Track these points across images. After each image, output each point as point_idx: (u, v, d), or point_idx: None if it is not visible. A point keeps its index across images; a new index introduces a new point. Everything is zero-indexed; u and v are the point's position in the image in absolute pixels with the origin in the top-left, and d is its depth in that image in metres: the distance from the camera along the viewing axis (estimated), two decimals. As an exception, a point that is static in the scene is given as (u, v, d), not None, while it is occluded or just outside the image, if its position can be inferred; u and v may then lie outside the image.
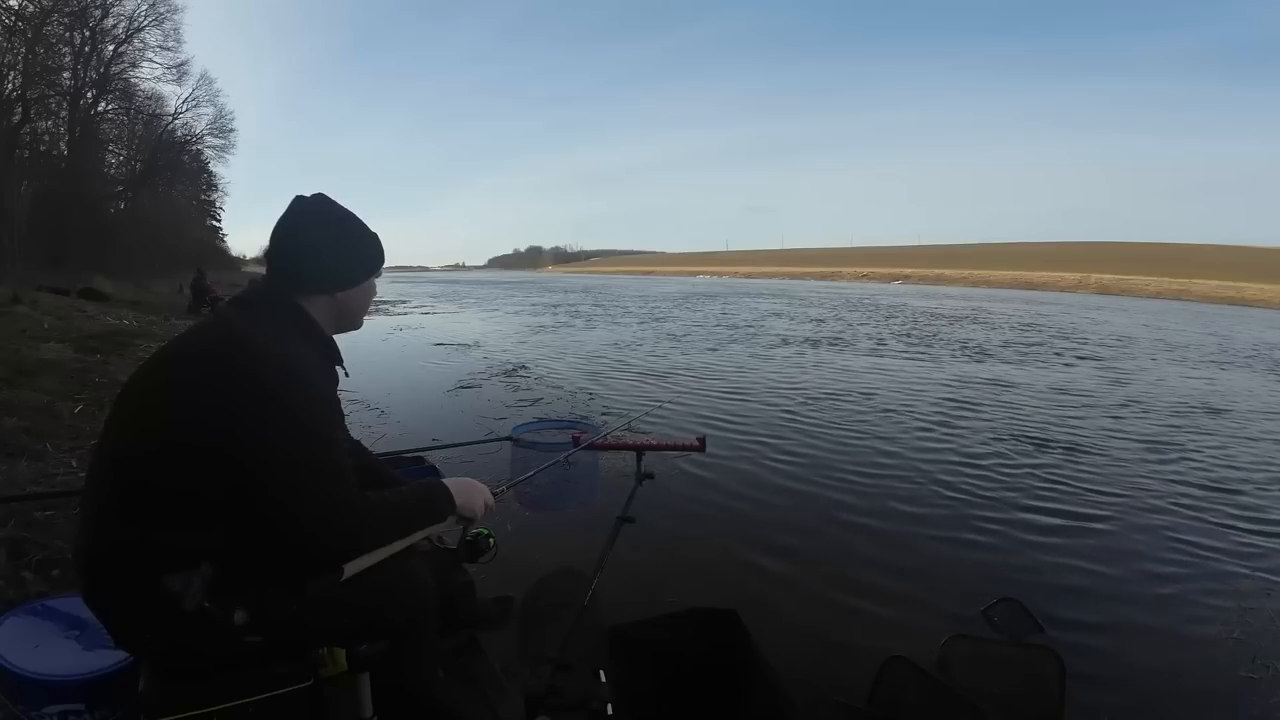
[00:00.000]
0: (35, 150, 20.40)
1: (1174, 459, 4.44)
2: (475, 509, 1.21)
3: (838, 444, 4.55)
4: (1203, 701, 1.92)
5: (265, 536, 0.96)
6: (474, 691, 1.57)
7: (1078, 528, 3.12)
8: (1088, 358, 9.92)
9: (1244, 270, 53.42)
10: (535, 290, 32.99)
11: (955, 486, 3.64)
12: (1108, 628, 2.25)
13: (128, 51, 22.70)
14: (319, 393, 1.04)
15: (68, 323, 8.54)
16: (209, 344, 1.03)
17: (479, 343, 10.64)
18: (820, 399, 6.16)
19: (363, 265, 1.17)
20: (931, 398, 6.23)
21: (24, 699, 1.08)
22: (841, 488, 3.63)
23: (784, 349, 10.22)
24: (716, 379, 7.20)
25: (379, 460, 1.47)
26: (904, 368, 8.42)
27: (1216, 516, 3.35)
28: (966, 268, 75.83)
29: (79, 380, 4.91)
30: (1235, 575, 2.68)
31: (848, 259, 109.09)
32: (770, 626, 1.86)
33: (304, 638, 1.07)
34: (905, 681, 1.65)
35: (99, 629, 1.01)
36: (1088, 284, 55.67)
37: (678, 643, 1.67)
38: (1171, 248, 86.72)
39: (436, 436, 4.22)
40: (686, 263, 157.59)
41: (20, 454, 3.09)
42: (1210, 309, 31.14)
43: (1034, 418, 5.53)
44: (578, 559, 2.22)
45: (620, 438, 2.35)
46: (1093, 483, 3.80)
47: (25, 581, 1.95)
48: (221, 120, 27.56)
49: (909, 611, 2.31)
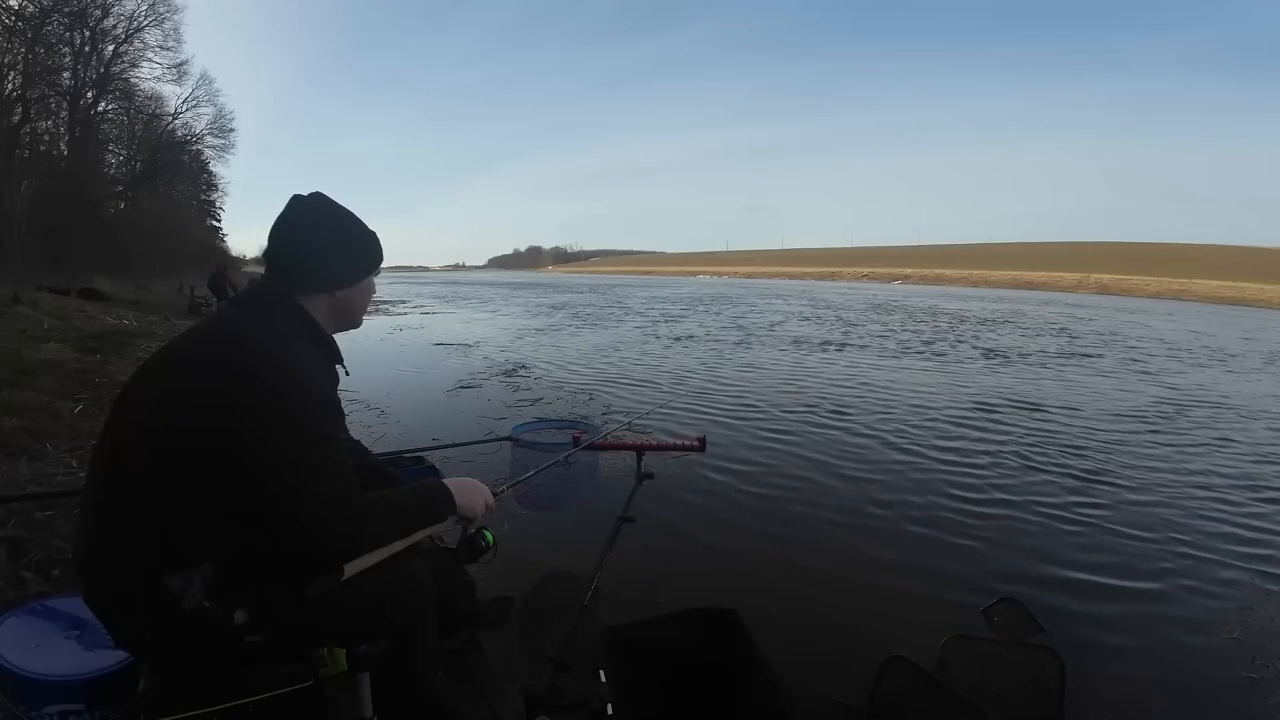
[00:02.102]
0: (35, 150, 20.41)
1: (1174, 460, 4.44)
2: (475, 509, 1.21)
3: (842, 444, 4.54)
4: (1203, 701, 1.92)
5: (265, 536, 0.96)
6: (474, 691, 1.58)
7: (1078, 527, 3.12)
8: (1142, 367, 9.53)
9: (1244, 270, 53.42)
10: (541, 291, 32.36)
11: (955, 487, 3.64)
12: (1108, 628, 2.25)
13: (128, 51, 22.75)
14: (319, 393, 1.04)
15: (68, 323, 8.53)
16: (209, 344, 1.03)
17: (479, 342, 10.64)
18: (846, 404, 6.15)
19: (362, 264, 1.17)
20: (955, 403, 6.18)
21: (24, 699, 1.09)
22: (842, 487, 3.63)
23: (835, 354, 9.63)
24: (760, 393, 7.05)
25: (379, 460, 1.47)
26: (945, 374, 7.90)
27: (1217, 516, 3.35)
28: (966, 268, 75.83)
29: (79, 380, 4.91)
30: (1235, 575, 2.68)
31: (848, 259, 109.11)
32: (770, 626, 1.85)
33: (304, 638, 1.07)
34: (905, 681, 1.66)
35: (99, 629, 1.01)
36: (1088, 284, 55.66)
37: (678, 643, 1.67)
38: (1171, 248, 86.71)
39: (436, 436, 4.21)
40: (686, 263, 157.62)
41: (20, 454, 3.09)
42: (1248, 311, 30.40)
43: (1050, 426, 5.52)
44: (578, 559, 2.22)
45: (620, 438, 2.35)
46: (1093, 482, 3.80)
47: (25, 581, 1.95)
48: (221, 120, 27.63)
49: (909, 611, 2.31)
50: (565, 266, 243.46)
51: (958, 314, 19.81)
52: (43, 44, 19.46)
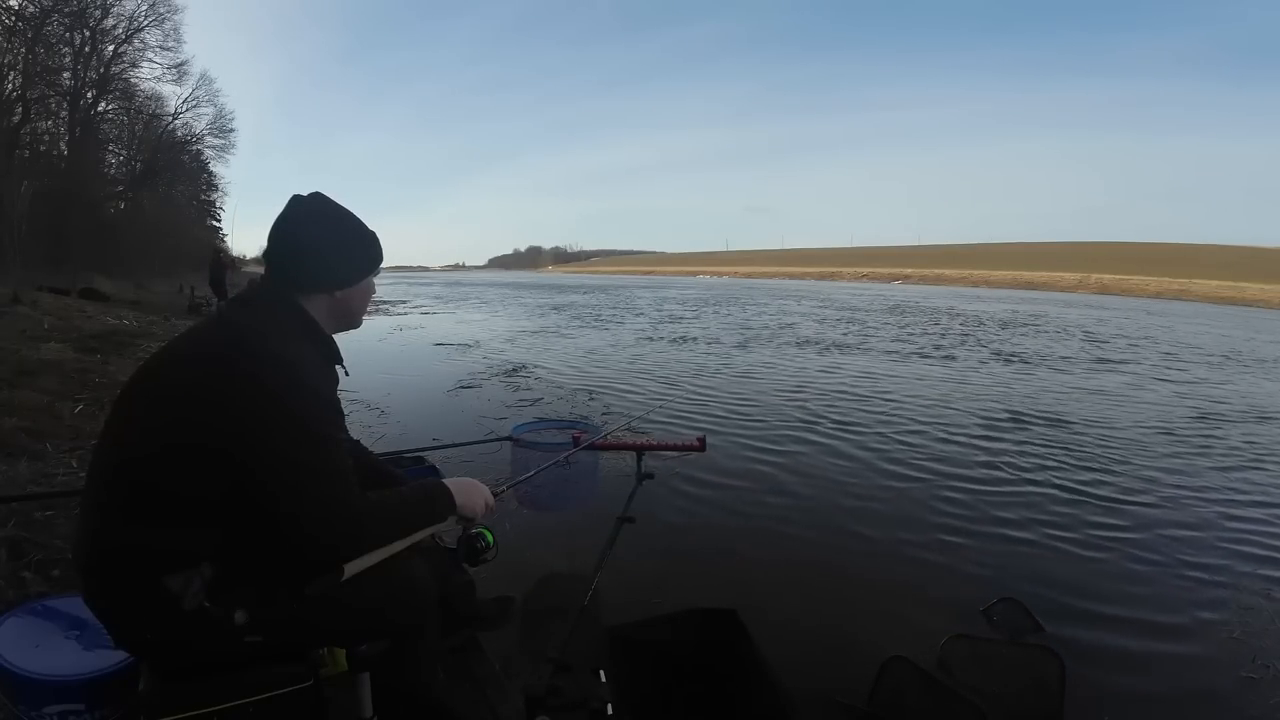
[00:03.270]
0: (35, 150, 20.40)
1: (1175, 460, 4.43)
2: (475, 509, 1.21)
3: (843, 445, 4.54)
4: (1203, 701, 1.91)
5: (265, 536, 0.96)
6: (474, 691, 1.57)
7: (1078, 528, 3.12)
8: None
9: (1244, 270, 53.38)
10: (545, 292, 31.77)
11: (956, 486, 3.64)
12: (1108, 628, 2.25)
13: (128, 51, 22.73)
14: (319, 393, 1.04)
15: (68, 323, 8.53)
16: (210, 344, 1.04)
17: (479, 343, 10.64)
18: (846, 405, 6.15)
19: (361, 264, 1.17)
20: (957, 405, 6.17)
21: (24, 699, 1.09)
22: (842, 487, 3.62)
23: (850, 357, 9.38)
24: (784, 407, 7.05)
25: (380, 460, 1.47)
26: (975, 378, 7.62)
27: (1217, 516, 3.34)
28: (966, 268, 75.78)
29: (79, 380, 4.91)
30: (1235, 575, 2.68)
31: (848, 259, 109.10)
32: (770, 626, 1.85)
33: (304, 638, 1.07)
34: (905, 681, 1.66)
35: (99, 629, 1.01)
36: (1088, 284, 55.65)
37: (678, 643, 1.67)
38: (1171, 248, 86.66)
39: (436, 436, 4.21)
40: (687, 263, 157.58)
41: (20, 454, 3.09)
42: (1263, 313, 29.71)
43: (1063, 434, 5.51)
44: (578, 559, 2.23)
45: (620, 438, 2.35)
46: (1093, 482, 3.79)
47: (25, 581, 1.95)
48: (221, 120, 27.60)
49: (909, 611, 2.31)
50: (565, 266, 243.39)
51: (975, 316, 19.34)
52: (43, 44, 19.46)
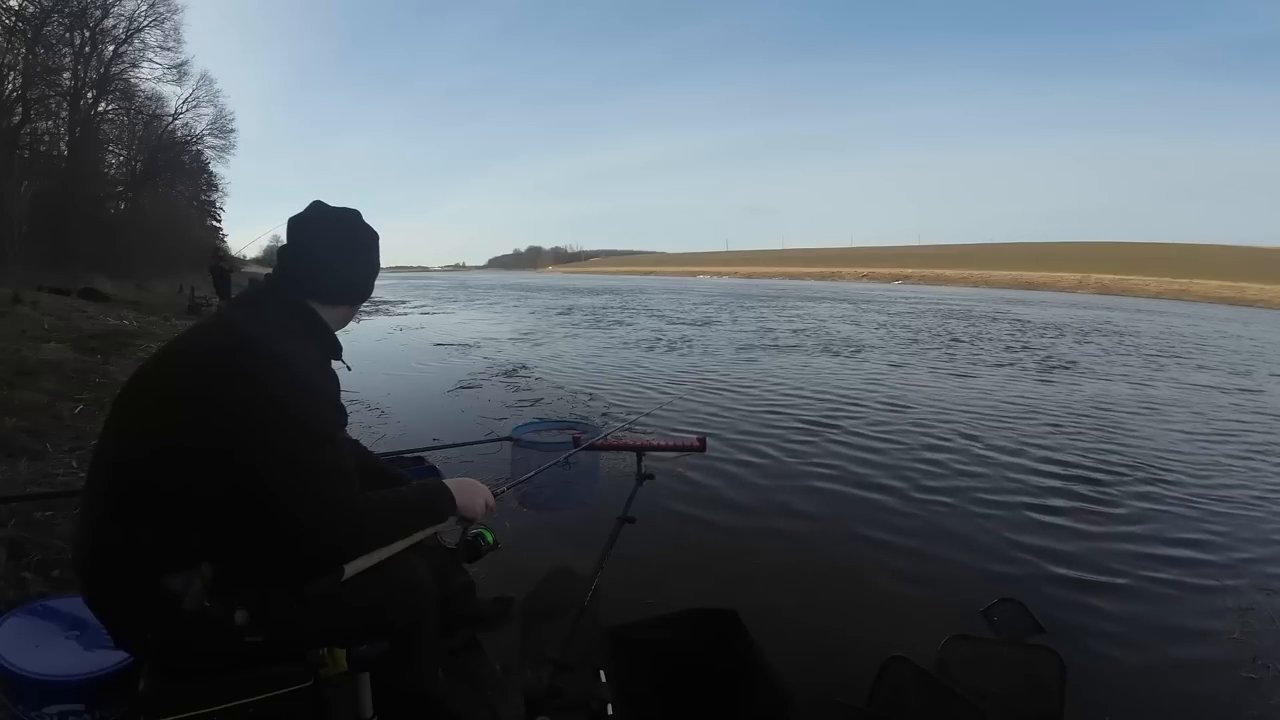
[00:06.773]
0: (35, 150, 20.38)
1: (1175, 460, 4.43)
2: (476, 509, 1.21)
3: (843, 445, 4.54)
4: (1203, 701, 1.92)
5: (266, 536, 0.96)
6: (474, 691, 1.57)
7: (1079, 528, 3.12)
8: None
9: (1244, 270, 53.36)
10: (549, 294, 31.08)
11: (956, 486, 3.64)
12: (1108, 628, 2.25)
13: (128, 52, 22.71)
14: (320, 393, 1.04)
15: (68, 323, 8.52)
16: (211, 344, 1.04)
17: (479, 343, 10.64)
18: (847, 404, 6.14)
19: (363, 287, 1.22)
20: (956, 406, 6.17)
21: (24, 699, 1.09)
22: (842, 487, 3.63)
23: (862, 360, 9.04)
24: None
25: (380, 460, 1.47)
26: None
27: (1216, 516, 3.34)
28: (966, 268, 75.77)
29: (79, 380, 4.91)
30: (1236, 576, 2.68)
31: (848, 259, 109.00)
32: (770, 626, 1.85)
33: (304, 638, 1.07)
34: (905, 681, 1.66)
35: (99, 629, 1.01)
36: (1088, 284, 55.65)
37: (678, 643, 1.67)
38: (1171, 248, 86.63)
39: (437, 436, 4.21)
40: (687, 263, 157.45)
41: (20, 454, 3.09)
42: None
43: (1064, 435, 5.51)
44: (578, 559, 2.22)
45: (620, 438, 2.34)
46: (1093, 482, 3.79)
47: (25, 581, 1.95)
48: (221, 120, 27.57)
49: (909, 611, 2.31)
50: (565, 267, 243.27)
51: (1050, 323, 16.96)
52: (43, 44, 19.44)
